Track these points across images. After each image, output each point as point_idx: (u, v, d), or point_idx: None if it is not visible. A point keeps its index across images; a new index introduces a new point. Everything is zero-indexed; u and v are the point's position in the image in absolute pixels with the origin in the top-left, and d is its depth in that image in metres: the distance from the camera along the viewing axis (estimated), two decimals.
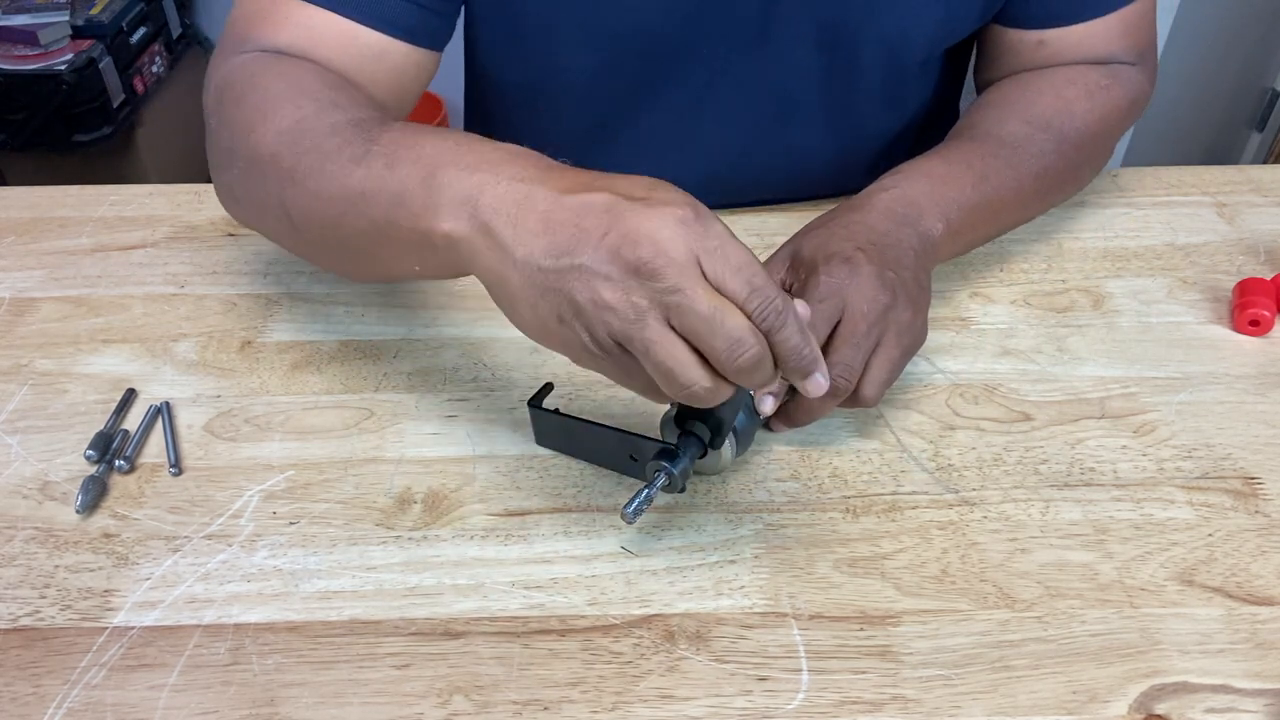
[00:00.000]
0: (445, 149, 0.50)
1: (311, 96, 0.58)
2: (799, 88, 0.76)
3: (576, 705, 0.49)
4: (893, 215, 0.62)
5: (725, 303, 0.43)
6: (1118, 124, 0.75)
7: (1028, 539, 0.56)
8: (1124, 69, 0.75)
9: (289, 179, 0.55)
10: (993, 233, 0.72)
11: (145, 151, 1.95)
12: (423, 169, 0.49)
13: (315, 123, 0.56)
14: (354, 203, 0.52)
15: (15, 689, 0.49)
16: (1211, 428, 0.63)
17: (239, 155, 0.59)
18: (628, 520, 0.52)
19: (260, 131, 0.57)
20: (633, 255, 0.43)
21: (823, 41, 0.73)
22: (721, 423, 0.55)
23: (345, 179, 0.52)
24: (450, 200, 0.48)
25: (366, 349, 0.69)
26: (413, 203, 0.49)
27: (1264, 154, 1.96)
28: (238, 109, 0.59)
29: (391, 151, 0.51)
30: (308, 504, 0.58)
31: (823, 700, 0.49)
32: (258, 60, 0.62)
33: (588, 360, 0.47)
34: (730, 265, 0.44)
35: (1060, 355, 0.68)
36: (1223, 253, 0.77)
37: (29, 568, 0.55)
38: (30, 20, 1.79)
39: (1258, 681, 0.50)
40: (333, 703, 0.49)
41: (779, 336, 0.45)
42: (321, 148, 0.54)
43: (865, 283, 0.58)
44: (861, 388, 0.58)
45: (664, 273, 0.43)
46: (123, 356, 0.68)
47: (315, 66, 0.62)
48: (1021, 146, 0.69)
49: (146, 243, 0.79)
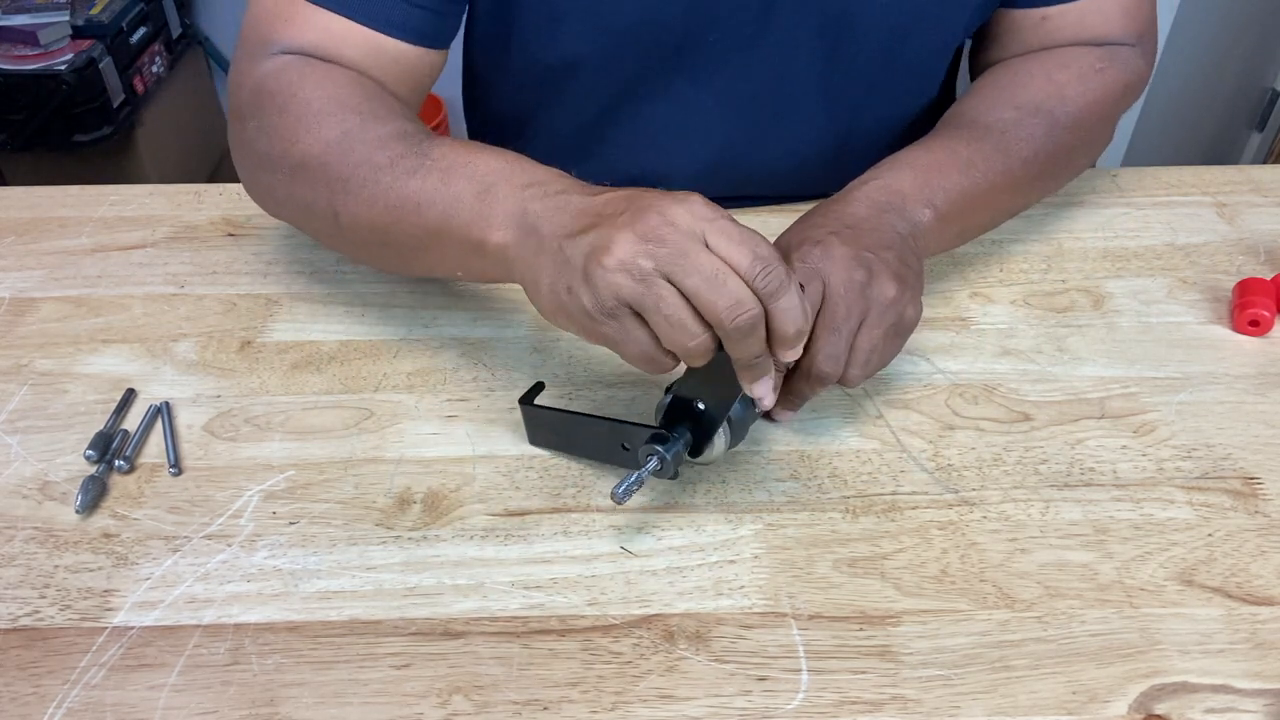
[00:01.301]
0: (498, 167, 0.56)
1: (354, 109, 0.62)
2: (801, 77, 0.75)
3: (576, 705, 0.49)
4: (875, 204, 0.62)
5: (728, 268, 0.47)
6: (1113, 107, 0.74)
7: (1028, 539, 0.56)
8: (1122, 50, 0.75)
9: (342, 188, 0.61)
10: (987, 220, 0.71)
11: (145, 151, 1.95)
12: (477, 184, 0.56)
13: (362, 134, 0.61)
14: (409, 212, 0.58)
15: (15, 689, 0.49)
16: (1211, 428, 0.63)
17: (284, 162, 0.63)
18: (617, 501, 0.53)
19: (307, 141, 0.62)
20: (643, 226, 0.48)
21: (825, 31, 0.73)
22: (714, 420, 0.55)
23: (401, 189, 0.58)
24: (503, 213, 0.54)
25: (366, 349, 0.69)
26: (467, 213, 0.56)
27: (1264, 154, 1.96)
28: (281, 117, 0.63)
29: (447, 167, 0.57)
30: (308, 504, 0.58)
31: (822, 700, 0.49)
32: (292, 67, 0.65)
33: (592, 326, 0.51)
34: (734, 238, 0.48)
35: (1060, 355, 0.68)
36: (1223, 253, 0.77)
37: (29, 568, 0.55)
38: (30, 20, 1.79)
39: (1258, 681, 0.50)
40: (333, 703, 0.49)
41: (778, 303, 0.48)
42: (374, 160, 0.60)
43: (839, 263, 0.57)
44: (846, 369, 0.57)
45: (670, 239, 0.48)
46: (123, 356, 0.68)
47: (349, 75, 0.65)
48: (1010, 132, 0.69)
49: (146, 243, 0.79)
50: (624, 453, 0.58)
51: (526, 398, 0.60)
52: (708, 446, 0.56)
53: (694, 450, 0.56)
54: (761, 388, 0.56)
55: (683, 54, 0.74)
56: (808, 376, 0.57)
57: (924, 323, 0.70)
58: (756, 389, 0.52)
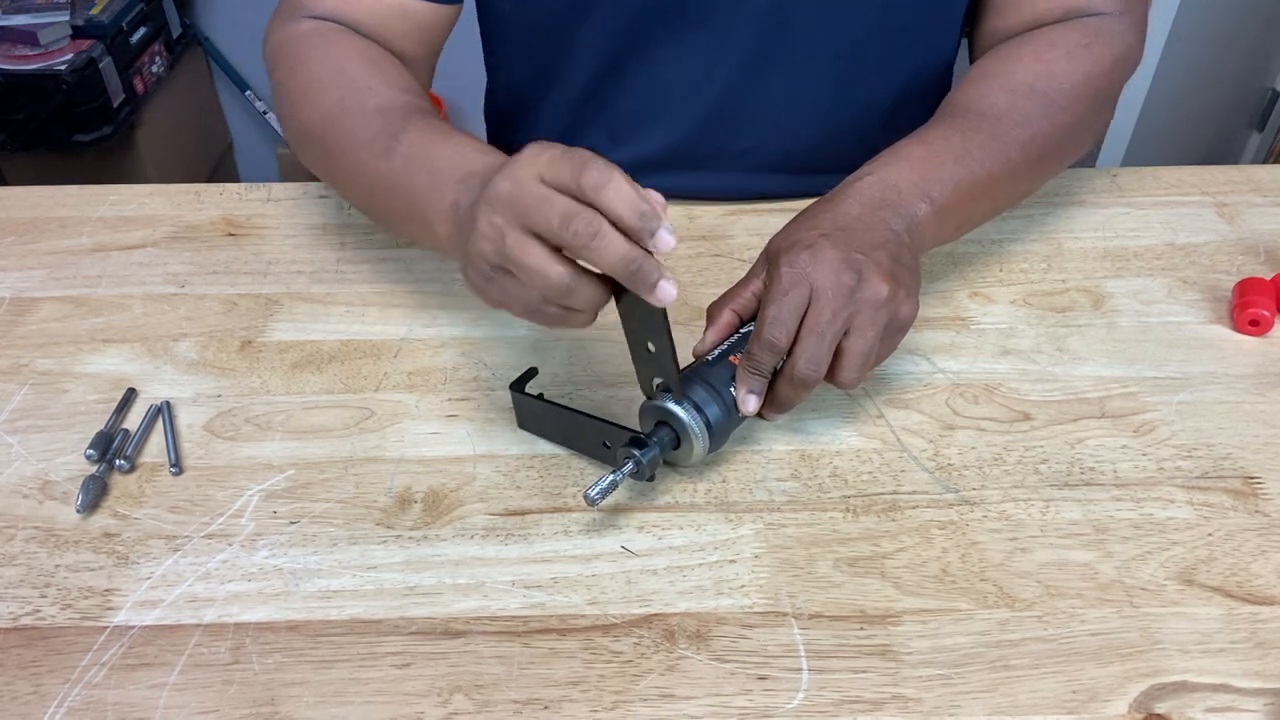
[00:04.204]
0: (449, 158, 0.59)
1: (350, 79, 0.67)
2: (801, 21, 0.75)
3: (577, 704, 0.49)
4: (870, 201, 0.61)
5: (553, 191, 0.49)
6: (1105, 80, 0.73)
7: (1028, 539, 0.56)
8: (1107, 24, 0.74)
9: (331, 157, 0.67)
10: (988, 208, 0.71)
11: (145, 151, 1.95)
12: (429, 177, 0.59)
13: (353, 104, 0.66)
14: (381, 192, 0.64)
15: (16, 688, 0.49)
16: (1211, 427, 0.63)
17: (295, 123, 0.70)
18: (590, 502, 0.54)
19: (307, 110, 0.68)
20: (492, 192, 0.51)
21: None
22: (669, 361, 0.54)
23: (374, 170, 0.63)
24: (444, 207, 0.58)
25: (366, 349, 0.69)
26: (422, 203, 0.60)
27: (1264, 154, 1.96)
28: (291, 81, 0.70)
29: (409, 154, 0.61)
30: (308, 503, 0.58)
31: (822, 699, 0.49)
32: (307, 35, 0.71)
33: (485, 296, 0.55)
34: (557, 157, 0.49)
35: (1060, 355, 0.68)
36: (1223, 253, 0.77)
37: (29, 567, 0.55)
38: (30, 20, 1.79)
39: (1258, 681, 0.50)
40: (333, 702, 0.49)
41: (606, 192, 0.48)
42: (356, 134, 0.65)
43: (827, 267, 0.56)
44: (838, 372, 0.57)
45: (507, 192, 0.50)
46: (123, 356, 0.69)
47: (355, 42, 0.70)
48: (1004, 117, 0.68)
49: (146, 243, 0.79)
50: (606, 450, 0.58)
51: (518, 384, 0.61)
52: (685, 449, 0.56)
53: (674, 452, 0.57)
54: (750, 405, 0.57)
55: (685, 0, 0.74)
56: (790, 380, 0.56)
57: (924, 322, 0.71)
58: (659, 294, 0.50)
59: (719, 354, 0.58)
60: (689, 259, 0.77)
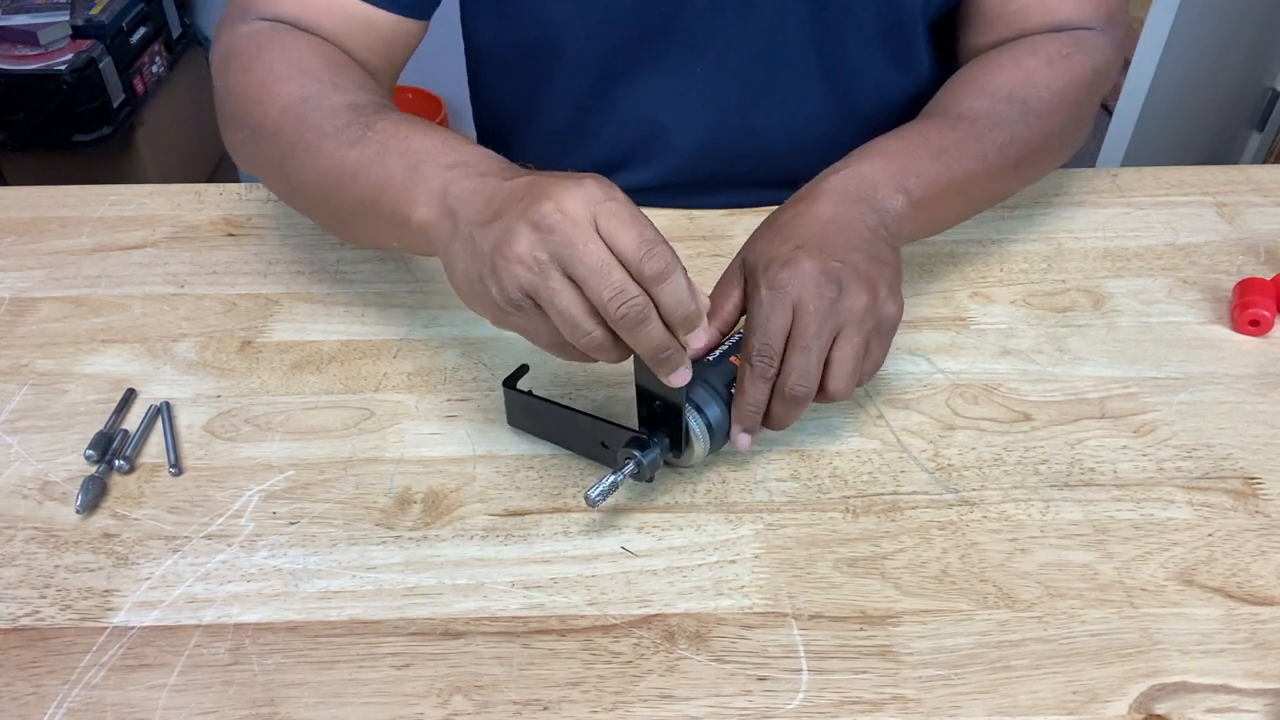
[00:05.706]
0: (430, 145, 0.57)
1: (313, 76, 0.64)
2: (793, 43, 0.75)
3: (576, 705, 0.49)
4: (844, 196, 0.61)
5: (613, 258, 0.48)
6: (1084, 92, 0.74)
7: (1028, 539, 0.56)
8: (1088, 36, 0.74)
9: (290, 152, 0.63)
10: (963, 207, 0.71)
11: (145, 151, 1.95)
12: (408, 161, 0.57)
13: (318, 102, 0.63)
14: (346, 181, 0.60)
15: (15, 689, 0.49)
16: (1211, 428, 0.63)
17: (245, 121, 0.66)
18: (590, 503, 0.53)
19: (266, 105, 0.64)
20: (537, 214, 0.49)
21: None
22: (676, 410, 0.55)
23: (341, 158, 0.60)
24: (427, 192, 0.55)
25: (366, 349, 0.69)
26: (396, 188, 0.57)
27: (1264, 154, 1.96)
28: (245, 78, 0.66)
29: (384, 141, 0.59)
30: (308, 504, 0.58)
31: (822, 700, 0.49)
32: (263, 33, 0.68)
33: (502, 317, 0.53)
34: (623, 220, 0.49)
35: (1060, 355, 0.68)
36: (1223, 253, 0.77)
37: (29, 568, 0.55)
38: (30, 20, 1.79)
39: (1258, 681, 0.50)
40: (333, 702, 0.49)
41: (664, 286, 0.49)
42: (322, 127, 0.62)
43: (807, 281, 0.56)
44: (827, 384, 0.56)
45: (560, 227, 0.48)
46: (123, 356, 0.68)
47: (315, 43, 0.68)
48: (982, 119, 0.69)
49: (146, 243, 0.79)
50: (603, 450, 0.58)
51: (510, 380, 0.61)
52: (687, 450, 0.56)
53: (673, 452, 0.57)
54: (742, 442, 0.57)
55: (674, 22, 0.74)
56: (781, 397, 0.56)
57: (924, 322, 0.71)
58: (674, 380, 0.52)
59: (719, 355, 0.59)
60: (689, 259, 0.77)
